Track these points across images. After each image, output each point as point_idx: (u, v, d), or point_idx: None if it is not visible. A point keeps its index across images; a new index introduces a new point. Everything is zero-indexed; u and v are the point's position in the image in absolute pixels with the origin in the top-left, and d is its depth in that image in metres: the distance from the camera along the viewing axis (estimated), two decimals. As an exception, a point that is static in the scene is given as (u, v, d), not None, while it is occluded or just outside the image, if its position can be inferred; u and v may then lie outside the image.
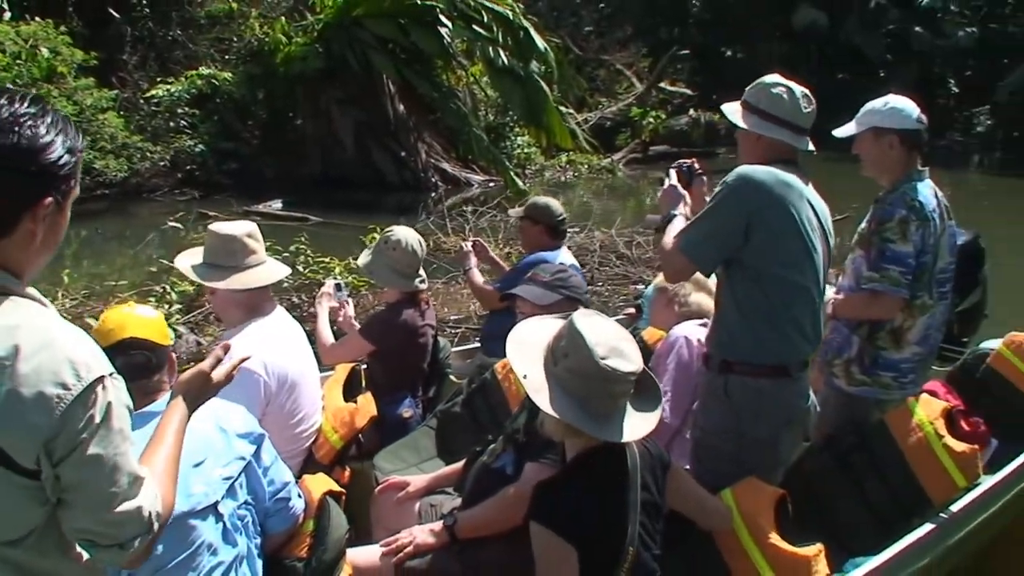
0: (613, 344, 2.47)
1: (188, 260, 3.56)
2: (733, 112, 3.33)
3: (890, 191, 3.77)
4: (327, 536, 2.74)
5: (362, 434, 3.77)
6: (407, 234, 4.36)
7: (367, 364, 4.39)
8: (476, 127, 18.27)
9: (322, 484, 2.89)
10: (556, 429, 2.54)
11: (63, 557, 1.68)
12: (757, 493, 2.95)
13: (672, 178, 3.53)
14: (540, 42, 17.31)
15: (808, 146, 3.28)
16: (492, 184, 18.15)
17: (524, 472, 2.97)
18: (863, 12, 32.01)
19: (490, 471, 3.17)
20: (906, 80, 28.54)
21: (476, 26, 17.02)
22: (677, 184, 3.51)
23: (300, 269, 8.54)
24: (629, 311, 5.69)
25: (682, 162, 3.63)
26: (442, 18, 16.57)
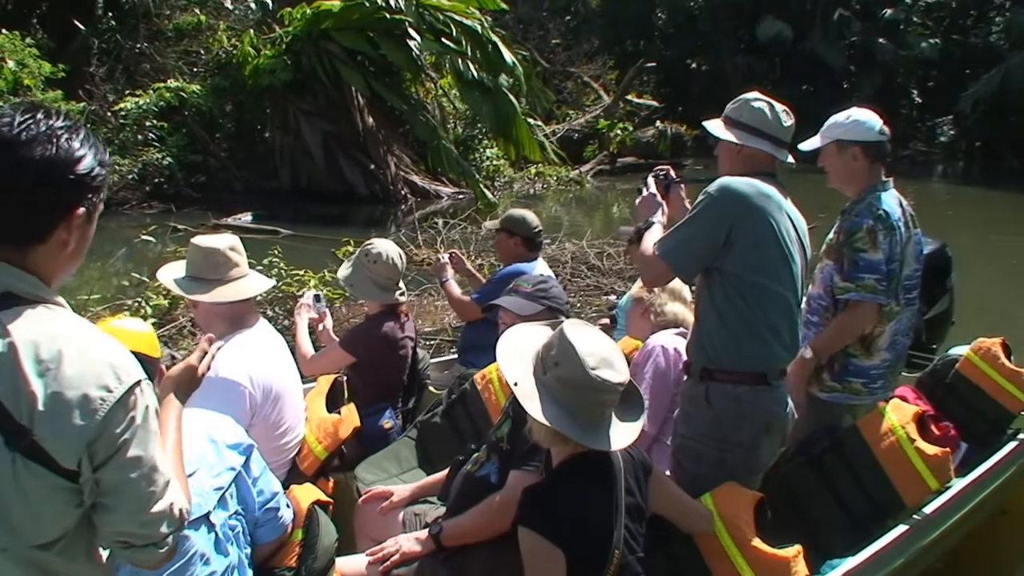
0: (603, 355, 2.53)
1: (171, 274, 3.58)
2: (716, 127, 3.42)
3: (856, 202, 3.87)
4: (316, 544, 2.77)
5: (344, 445, 3.79)
6: (387, 247, 4.39)
7: (347, 376, 4.42)
8: (445, 139, 18.36)
9: (310, 494, 2.92)
10: (545, 436, 2.58)
11: (89, 561, 1.71)
12: (736, 497, 3.00)
13: (650, 186, 3.60)
14: (508, 55, 17.46)
15: (788, 158, 3.37)
16: (461, 196, 18.23)
17: (508, 480, 3.00)
18: (827, 24, 32.43)
19: (474, 479, 3.19)
20: (869, 91, 29.01)
21: (445, 39, 17.14)
22: (655, 192, 3.58)
23: (274, 282, 8.52)
24: (603, 322, 5.73)
25: (659, 170, 3.70)
26: (411, 31, 16.64)
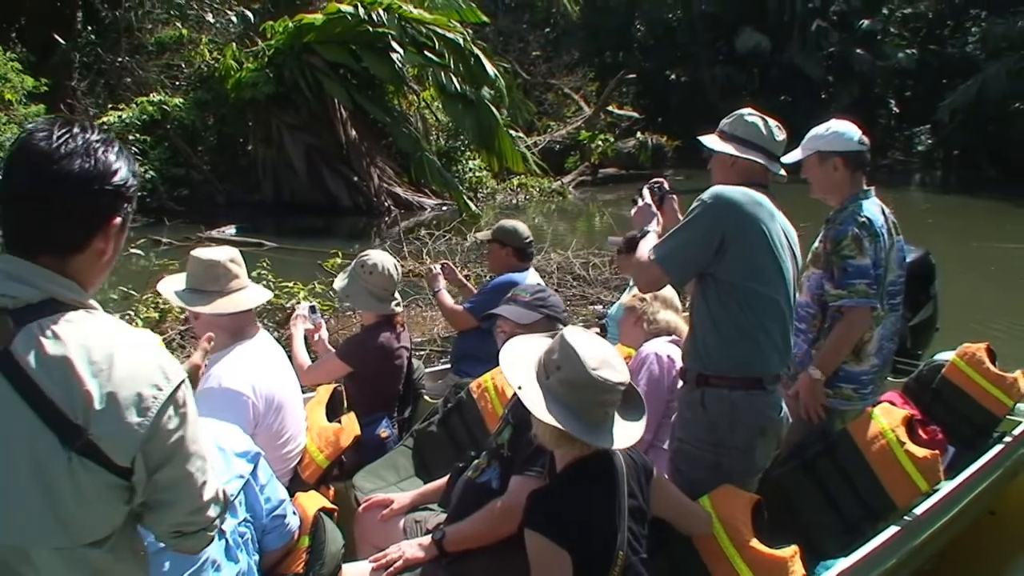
0: (603, 357, 2.60)
1: (171, 286, 3.61)
2: (711, 140, 3.52)
3: (839, 211, 3.97)
4: (324, 550, 2.82)
5: (344, 454, 3.83)
6: (383, 258, 4.44)
7: (344, 385, 4.46)
8: (428, 151, 18.38)
9: (316, 501, 2.96)
10: (550, 438, 2.65)
11: (134, 559, 1.77)
12: (734, 499, 3.07)
13: (645, 197, 3.71)
14: (490, 68, 17.53)
15: (780, 171, 3.47)
16: (445, 208, 18.26)
17: (510, 485, 3.05)
18: (805, 35, 32.64)
19: (475, 486, 3.23)
20: (847, 101, 29.22)
21: (427, 52, 17.15)
22: (651, 202, 3.67)
23: (272, 294, 8.52)
24: (593, 331, 5.79)
25: (654, 182, 3.81)
26: (394, 44, 16.63)
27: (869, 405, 3.90)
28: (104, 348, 1.63)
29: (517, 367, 2.71)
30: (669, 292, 4.24)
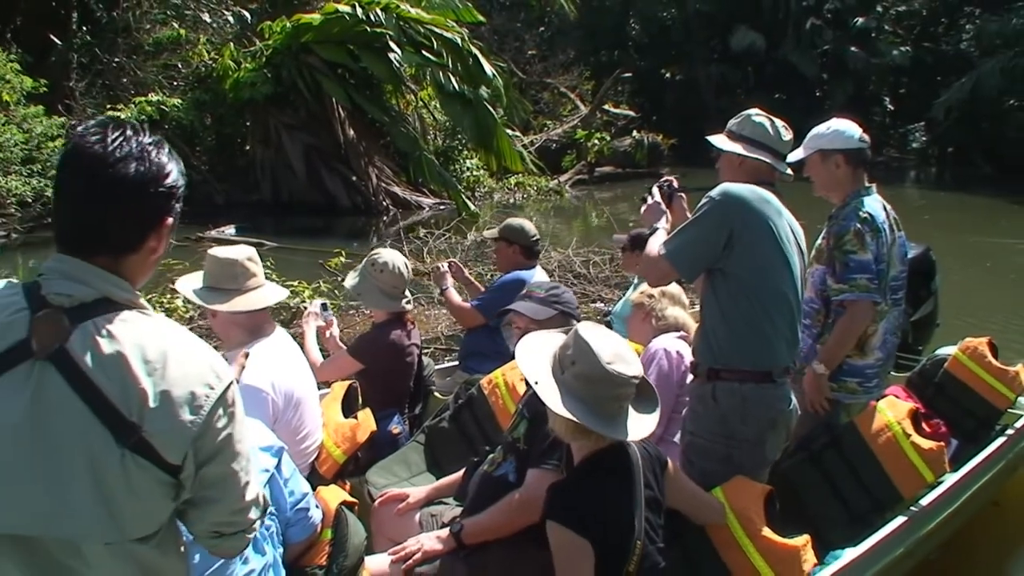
0: (617, 351, 2.67)
1: (189, 284, 3.66)
2: (720, 140, 3.60)
3: (841, 207, 4.05)
4: (346, 543, 2.86)
5: (360, 449, 3.88)
6: (393, 256, 4.50)
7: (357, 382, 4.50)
8: (426, 151, 18.38)
9: (337, 495, 3.01)
10: (566, 431, 2.71)
11: (178, 555, 1.82)
12: (746, 489, 3.13)
13: (655, 195, 3.77)
14: (488, 67, 17.53)
15: (787, 170, 3.54)
16: (443, 207, 18.25)
17: (527, 478, 3.10)
18: (799, 33, 32.71)
19: (492, 479, 3.28)
20: (842, 98, 29.28)
21: (425, 52, 17.14)
22: (660, 201, 3.74)
23: (288, 292, 8.53)
24: (600, 327, 5.84)
25: (663, 181, 3.87)
26: (392, 44, 16.63)
27: (874, 399, 3.97)
28: (158, 347, 1.66)
29: (533, 362, 2.77)
30: (676, 289, 4.31)
